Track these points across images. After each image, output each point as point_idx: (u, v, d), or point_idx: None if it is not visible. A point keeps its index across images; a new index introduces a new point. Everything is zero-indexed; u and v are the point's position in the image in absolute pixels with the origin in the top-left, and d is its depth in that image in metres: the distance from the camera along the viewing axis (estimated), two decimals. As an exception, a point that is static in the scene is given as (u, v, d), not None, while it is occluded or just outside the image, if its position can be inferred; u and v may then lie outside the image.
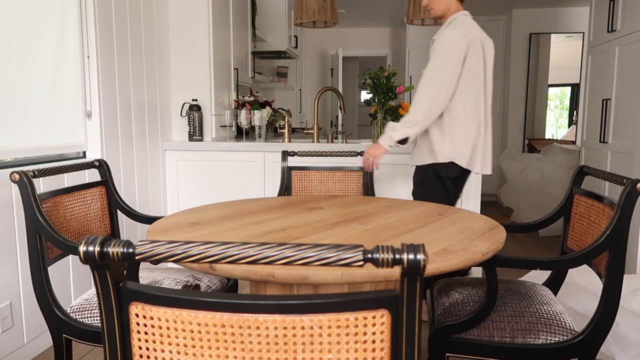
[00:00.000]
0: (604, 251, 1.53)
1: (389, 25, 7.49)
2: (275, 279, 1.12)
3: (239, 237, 1.46)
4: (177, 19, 3.69)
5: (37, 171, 1.72)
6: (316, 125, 3.84)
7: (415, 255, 0.65)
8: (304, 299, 0.70)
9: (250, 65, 4.70)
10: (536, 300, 1.72)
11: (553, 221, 2.00)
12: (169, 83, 3.75)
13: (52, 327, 1.67)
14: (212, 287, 1.92)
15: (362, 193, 2.58)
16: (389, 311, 0.71)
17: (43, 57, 2.56)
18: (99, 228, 2.04)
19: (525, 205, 5.18)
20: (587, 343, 1.52)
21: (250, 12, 4.66)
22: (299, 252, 0.67)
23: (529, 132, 6.71)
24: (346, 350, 0.72)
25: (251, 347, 0.72)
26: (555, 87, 6.78)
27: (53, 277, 2.50)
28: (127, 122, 3.20)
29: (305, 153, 2.71)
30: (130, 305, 0.75)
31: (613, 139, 3.96)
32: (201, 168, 3.70)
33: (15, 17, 2.38)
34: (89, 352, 2.49)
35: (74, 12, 2.77)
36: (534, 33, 6.50)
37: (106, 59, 2.96)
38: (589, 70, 4.52)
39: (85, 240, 0.70)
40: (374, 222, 1.67)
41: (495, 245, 1.36)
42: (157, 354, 0.76)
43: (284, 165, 2.62)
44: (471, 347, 1.57)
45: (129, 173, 3.25)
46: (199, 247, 0.69)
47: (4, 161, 2.39)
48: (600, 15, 4.25)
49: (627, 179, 1.54)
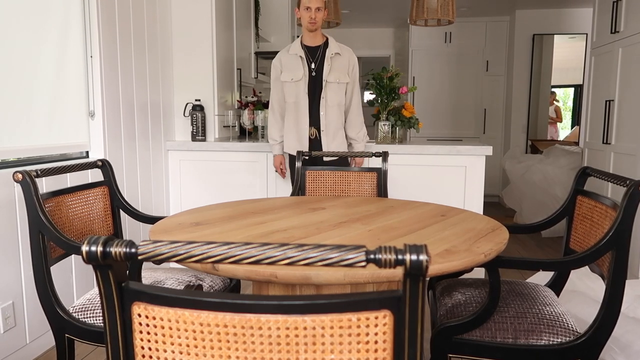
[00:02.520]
0: (606, 252, 1.52)
1: (392, 25, 7.48)
2: (277, 279, 1.12)
3: (242, 238, 1.46)
4: (180, 19, 3.69)
5: (40, 171, 1.72)
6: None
7: (418, 256, 0.65)
8: (306, 300, 0.70)
9: (254, 66, 4.71)
10: (539, 301, 1.72)
11: (556, 222, 1.99)
12: (172, 83, 3.75)
13: (55, 326, 1.68)
14: (215, 287, 1.92)
15: (376, 194, 2.58)
16: (392, 312, 0.71)
17: (46, 57, 2.57)
18: (102, 228, 2.04)
19: (527, 206, 5.17)
20: (590, 344, 1.52)
21: (254, 12, 4.66)
22: (301, 252, 0.67)
23: (532, 133, 6.70)
24: (348, 350, 0.72)
25: (253, 348, 0.72)
26: (559, 88, 6.77)
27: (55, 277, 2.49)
28: (130, 122, 3.20)
29: (319, 154, 2.72)
30: (132, 305, 0.75)
31: (616, 140, 3.95)
32: (204, 168, 3.71)
33: (18, 16, 2.38)
34: (91, 352, 2.49)
35: (77, 11, 2.78)
36: (537, 34, 6.49)
37: (109, 58, 2.96)
38: (592, 72, 4.51)
39: (87, 240, 0.70)
40: (376, 223, 1.67)
41: (497, 246, 1.36)
42: (160, 354, 0.76)
43: (298, 165, 2.62)
44: (473, 347, 1.57)
45: (132, 173, 3.25)
46: (202, 247, 0.69)
47: (6, 161, 2.40)
48: (603, 17, 4.24)
49: (629, 180, 1.53)
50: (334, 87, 3.04)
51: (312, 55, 3.05)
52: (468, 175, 3.41)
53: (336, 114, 3.07)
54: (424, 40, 6.87)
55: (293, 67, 3.04)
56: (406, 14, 6.29)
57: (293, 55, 3.06)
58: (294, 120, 3.09)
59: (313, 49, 3.06)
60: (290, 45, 3.12)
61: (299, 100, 3.05)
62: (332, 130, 3.08)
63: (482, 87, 6.88)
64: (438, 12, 3.58)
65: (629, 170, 3.68)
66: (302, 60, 3.03)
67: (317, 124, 3.08)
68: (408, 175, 3.47)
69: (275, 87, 3.13)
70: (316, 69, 3.03)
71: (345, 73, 3.07)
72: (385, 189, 2.57)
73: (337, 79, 3.03)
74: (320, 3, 2.92)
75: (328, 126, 3.07)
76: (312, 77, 3.05)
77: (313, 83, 3.04)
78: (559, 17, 6.46)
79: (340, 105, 3.08)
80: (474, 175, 3.41)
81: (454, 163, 3.42)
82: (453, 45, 6.84)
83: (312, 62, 3.04)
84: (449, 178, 3.44)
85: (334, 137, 3.09)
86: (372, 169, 2.61)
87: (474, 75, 6.87)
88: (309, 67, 3.04)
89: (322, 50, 3.06)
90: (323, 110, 3.05)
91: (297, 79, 3.03)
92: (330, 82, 3.03)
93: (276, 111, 3.16)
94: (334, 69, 3.03)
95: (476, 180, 3.41)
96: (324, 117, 3.06)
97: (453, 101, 6.94)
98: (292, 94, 3.06)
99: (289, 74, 3.05)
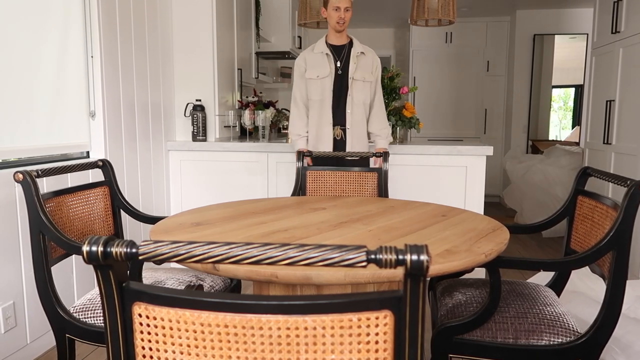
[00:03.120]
0: (607, 252, 1.52)
1: (393, 26, 7.49)
2: (278, 279, 1.12)
3: (242, 238, 1.46)
4: (181, 19, 3.69)
5: (41, 171, 1.72)
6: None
7: (419, 256, 0.65)
8: (307, 300, 0.70)
9: (254, 66, 4.71)
10: (539, 301, 1.72)
11: (556, 222, 1.99)
12: (173, 83, 3.75)
13: (55, 326, 1.68)
14: (215, 288, 1.92)
15: (377, 194, 2.58)
16: (392, 312, 0.71)
17: (47, 57, 2.57)
18: (102, 228, 2.04)
19: (528, 206, 5.17)
20: (590, 344, 1.51)
21: (254, 12, 4.66)
22: (302, 252, 0.67)
23: (533, 133, 6.69)
24: (349, 350, 0.72)
25: (254, 348, 0.72)
26: (559, 88, 6.77)
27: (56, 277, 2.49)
28: (131, 122, 3.21)
29: (321, 154, 2.72)
30: (133, 305, 0.75)
31: (617, 141, 3.94)
32: (204, 168, 3.71)
33: (18, 17, 2.38)
34: (92, 352, 2.50)
35: (77, 12, 2.78)
36: (538, 34, 6.49)
37: (110, 59, 2.97)
38: (592, 72, 4.51)
39: (88, 240, 0.70)
40: (377, 223, 1.67)
41: (498, 246, 1.36)
42: (160, 354, 0.76)
43: (299, 165, 2.62)
44: (474, 348, 1.57)
45: (133, 173, 3.25)
46: (202, 248, 0.69)
47: (7, 161, 2.40)
48: (604, 17, 4.24)
49: (630, 180, 1.53)
50: (360, 85, 3.04)
51: (338, 54, 3.06)
52: (469, 176, 3.41)
53: (362, 113, 3.07)
54: (424, 41, 6.87)
55: (319, 65, 3.04)
56: (407, 14, 6.30)
57: (318, 53, 3.05)
58: (320, 117, 3.07)
59: (338, 48, 3.07)
60: (314, 44, 3.12)
61: (325, 98, 3.04)
62: (357, 129, 3.08)
63: (483, 87, 6.88)
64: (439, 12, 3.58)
65: (629, 170, 3.67)
66: (328, 57, 3.03)
67: (342, 122, 3.07)
68: (409, 175, 3.47)
69: (299, 84, 3.11)
70: (342, 67, 3.04)
71: (370, 72, 3.07)
72: (386, 189, 2.57)
73: (363, 77, 3.04)
74: (348, 3, 2.94)
75: (354, 124, 3.06)
76: (338, 75, 3.05)
77: (339, 81, 3.04)
78: (560, 17, 6.46)
79: (365, 104, 3.08)
80: (475, 175, 3.41)
81: (455, 163, 3.42)
82: (454, 45, 6.84)
83: (337, 60, 3.05)
84: (450, 178, 3.44)
85: (359, 138, 3.09)
86: (372, 169, 2.61)
87: (474, 75, 6.87)
88: (335, 65, 3.05)
89: (348, 49, 3.07)
90: (350, 108, 3.04)
91: (323, 75, 3.02)
92: (356, 80, 3.03)
93: (300, 107, 3.12)
94: (359, 67, 3.04)
95: (477, 180, 3.41)
96: (350, 114, 3.05)
97: (454, 101, 6.94)
98: (317, 91, 3.05)
99: (314, 71, 3.03)
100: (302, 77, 3.09)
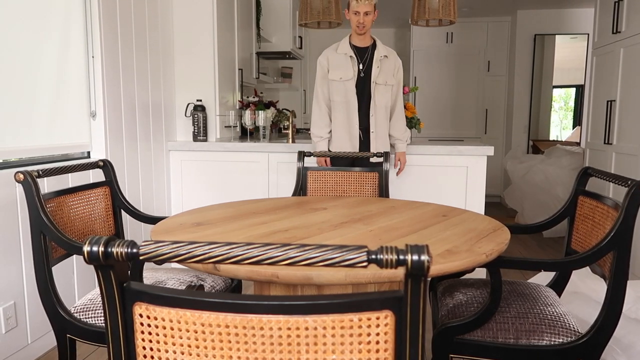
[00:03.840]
0: (608, 252, 1.52)
1: (394, 26, 7.48)
2: (279, 279, 1.12)
3: (243, 238, 1.46)
4: (182, 20, 3.69)
5: (42, 171, 1.73)
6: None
7: (419, 256, 0.65)
8: (307, 300, 0.70)
9: (255, 66, 4.71)
10: (540, 301, 1.72)
11: (557, 222, 1.99)
12: (174, 83, 3.75)
13: (56, 327, 1.68)
14: (216, 288, 1.92)
15: (378, 194, 2.58)
16: (393, 312, 0.71)
17: (47, 58, 2.57)
18: (103, 228, 2.04)
19: (529, 206, 5.17)
20: (591, 345, 1.51)
21: (255, 12, 4.66)
22: (303, 252, 0.67)
23: (534, 133, 6.69)
24: (350, 350, 0.72)
25: (255, 348, 0.72)
26: (560, 89, 6.76)
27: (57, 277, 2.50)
28: (132, 123, 3.21)
29: (321, 154, 2.72)
30: (134, 305, 0.75)
31: (617, 141, 3.94)
32: (205, 168, 3.71)
33: (19, 17, 2.39)
34: (93, 352, 2.50)
35: (78, 12, 2.78)
36: (538, 34, 6.48)
37: (111, 59, 2.97)
38: (593, 72, 4.51)
39: (89, 241, 0.70)
40: (378, 223, 1.67)
41: (499, 246, 1.36)
42: (161, 354, 0.76)
43: (300, 165, 2.62)
44: (475, 348, 1.57)
45: (133, 173, 3.25)
46: (203, 248, 0.69)
47: (8, 161, 2.40)
48: (605, 17, 4.24)
49: (631, 180, 1.53)
50: (382, 89, 3.04)
51: (361, 56, 3.05)
52: (469, 176, 3.41)
53: (384, 116, 3.07)
54: (425, 41, 6.87)
55: (342, 66, 3.02)
56: (407, 14, 6.29)
57: (342, 54, 3.04)
58: (346, 119, 3.06)
59: (362, 50, 3.06)
60: (338, 44, 3.10)
61: (349, 99, 3.03)
62: (380, 131, 3.08)
63: (484, 87, 6.87)
64: (439, 12, 3.57)
65: (630, 170, 3.67)
66: (352, 60, 3.02)
67: (365, 125, 3.06)
68: (409, 175, 3.47)
69: (322, 85, 3.08)
70: (364, 70, 3.03)
71: (392, 75, 3.07)
72: (387, 189, 2.57)
73: (385, 81, 3.03)
74: (368, 7, 2.92)
75: (377, 128, 3.06)
76: (361, 78, 3.03)
77: (361, 84, 3.03)
78: (561, 17, 6.46)
79: (387, 108, 3.08)
80: (476, 175, 3.41)
81: (456, 163, 3.42)
82: (454, 45, 6.84)
83: (360, 62, 3.04)
84: (451, 178, 3.44)
85: (382, 140, 3.09)
86: (373, 169, 2.61)
87: (475, 75, 6.86)
88: (358, 67, 3.03)
89: (371, 52, 3.06)
90: (373, 112, 3.04)
91: (346, 78, 3.01)
92: (378, 84, 3.02)
93: (322, 107, 3.09)
94: (382, 71, 3.03)
95: (477, 180, 3.40)
96: (374, 118, 3.05)
97: (454, 101, 6.94)
98: (340, 93, 3.04)
99: (337, 73, 3.02)
100: (325, 77, 3.07)
